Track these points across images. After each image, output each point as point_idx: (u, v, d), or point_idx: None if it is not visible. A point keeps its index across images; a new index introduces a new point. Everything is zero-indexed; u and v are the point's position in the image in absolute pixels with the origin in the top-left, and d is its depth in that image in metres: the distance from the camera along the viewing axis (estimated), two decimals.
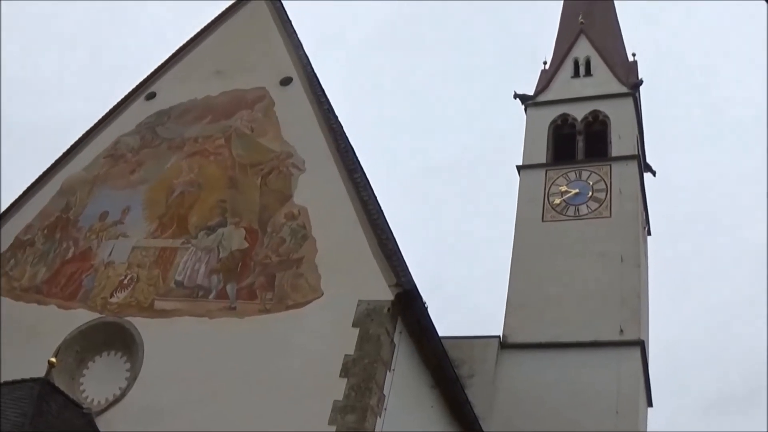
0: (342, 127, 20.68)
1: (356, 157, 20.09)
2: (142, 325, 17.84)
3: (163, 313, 17.99)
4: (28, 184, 22.59)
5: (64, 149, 23.22)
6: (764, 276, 48.56)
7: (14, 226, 21.59)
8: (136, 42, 78.63)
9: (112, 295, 18.79)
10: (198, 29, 25.01)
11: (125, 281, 18.98)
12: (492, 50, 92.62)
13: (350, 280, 17.04)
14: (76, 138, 23.42)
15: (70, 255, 20.34)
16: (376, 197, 19.46)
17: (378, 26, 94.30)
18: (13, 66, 63.23)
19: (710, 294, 68.11)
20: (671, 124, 74.94)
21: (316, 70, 22.25)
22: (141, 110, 23.39)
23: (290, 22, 23.82)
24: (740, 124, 79.66)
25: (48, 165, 22.95)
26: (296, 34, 23.38)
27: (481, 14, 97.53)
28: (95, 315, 18.53)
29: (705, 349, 64.99)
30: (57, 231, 21.06)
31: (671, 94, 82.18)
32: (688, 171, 75.69)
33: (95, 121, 23.66)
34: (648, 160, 34.49)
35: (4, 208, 22.18)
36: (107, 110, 23.88)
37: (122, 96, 24.06)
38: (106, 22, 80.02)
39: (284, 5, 24.43)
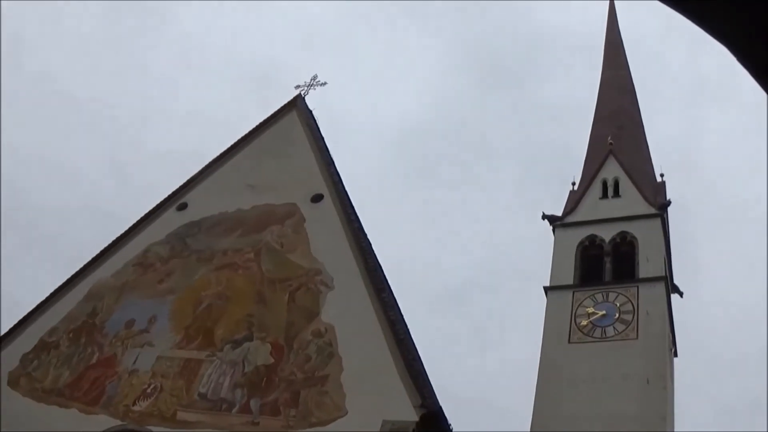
0: (371, 245, 20.82)
1: (384, 276, 20.16)
2: None
3: (186, 425, 17.92)
4: (55, 286, 22.73)
5: (94, 254, 23.42)
6: None
7: (39, 328, 21.72)
8: (169, 152, 79.44)
9: (134, 403, 18.78)
10: (231, 143, 25.44)
11: (148, 390, 18.98)
12: (521, 171, 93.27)
13: (375, 400, 16.91)
14: (106, 243, 23.65)
15: (94, 360, 20.42)
16: (402, 316, 19.41)
17: (399, 145, 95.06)
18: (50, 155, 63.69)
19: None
20: (699, 243, 74.43)
21: (347, 188, 22.52)
22: (172, 220, 23.66)
23: (323, 138, 24.19)
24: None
25: (76, 269, 23.12)
26: (328, 151, 23.73)
27: (510, 136, 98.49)
28: (117, 422, 18.52)
29: None
30: (82, 335, 21.18)
31: (700, 212, 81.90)
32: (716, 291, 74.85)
33: (126, 227, 23.93)
34: (675, 281, 34.41)
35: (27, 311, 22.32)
36: (138, 218, 24.15)
37: (154, 205, 24.36)
38: (141, 130, 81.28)
39: (317, 122, 24.85)
